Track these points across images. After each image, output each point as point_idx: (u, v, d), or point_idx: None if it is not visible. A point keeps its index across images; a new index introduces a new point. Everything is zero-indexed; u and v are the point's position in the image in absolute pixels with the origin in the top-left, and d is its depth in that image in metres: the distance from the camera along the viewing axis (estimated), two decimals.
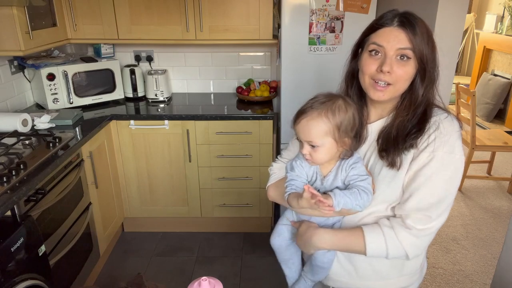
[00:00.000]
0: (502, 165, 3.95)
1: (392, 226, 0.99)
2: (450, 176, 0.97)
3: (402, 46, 0.94)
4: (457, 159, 0.97)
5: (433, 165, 0.96)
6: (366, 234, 0.99)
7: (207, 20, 2.48)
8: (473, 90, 3.54)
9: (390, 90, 0.98)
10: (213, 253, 2.61)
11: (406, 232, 0.97)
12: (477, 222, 2.99)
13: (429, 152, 0.96)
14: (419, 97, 0.99)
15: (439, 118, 0.98)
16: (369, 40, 1.00)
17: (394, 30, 0.95)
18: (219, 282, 0.90)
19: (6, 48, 2.01)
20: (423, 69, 0.96)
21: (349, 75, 1.09)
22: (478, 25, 6.11)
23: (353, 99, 1.06)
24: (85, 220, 2.10)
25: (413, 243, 0.98)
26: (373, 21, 1.01)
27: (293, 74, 2.41)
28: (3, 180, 1.51)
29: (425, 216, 0.96)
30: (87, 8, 2.45)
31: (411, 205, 0.97)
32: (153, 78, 2.69)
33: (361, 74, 1.02)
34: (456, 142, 0.97)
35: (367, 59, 0.99)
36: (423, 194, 0.96)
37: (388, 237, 0.98)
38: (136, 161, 2.57)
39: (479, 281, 2.37)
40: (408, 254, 0.98)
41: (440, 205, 0.97)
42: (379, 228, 1.00)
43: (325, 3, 2.25)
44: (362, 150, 1.06)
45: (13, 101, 2.40)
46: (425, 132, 0.97)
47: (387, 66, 0.95)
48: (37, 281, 1.49)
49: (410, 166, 0.98)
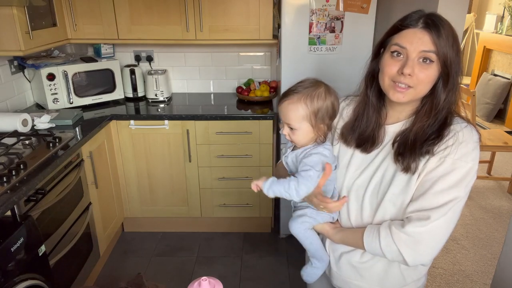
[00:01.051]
0: (502, 165, 3.95)
1: (389, 226, 0.98)
2: (456, 181, 0.94)
3: (426, 49, 0.91)
4: (469, 167, 0.94)
5: (440, 169, 0.94)
6: (365, 232, 1.03)
7: (207, 20, 2.48)
8: (473, 90, 3.54)
9: (411, 92, 0.96)
10: (213, 253, 2.61)
11: (401, 232, 0.96)
12: (477, 222, 2.99)
13: (440, 158, 0.94)
14: (440, 102, 0.96)
15: (459, 126, 0.96)
16: (391, 40, 0.97)
17: (418, 32, 0.92)
18: (219, 282, 0.90)
19: (6, 48, 2.01)
20: (446, 74, 0.93)
21: (369, 75, 1.06)
22: (478, 25, 6.11)
23: (372, 100, 1.05)
24: (85, 220, 2.10)
25: (408, 244, 0.95)
26: (397, 21, 0.98)
27: (293, 74, 2.40)
28: (3, 180, 1.51)
29: (424, 216, 0.94)
30: (87, 8, 2.45)
31: (413, 207, 0.96)
32: (153, 78, 2.69)
33: (381, 74, 0.99)
34: (472, 152, 0.94)
35: (388, 60, 0.97)
36: (426, 197, 0.95)
37: (382, 237, 0.98)
38: (136, 161, 2.57)
39: (479, 281, 2.37)
40: (404, 256, 0.96)
41: (442, 208, 0.94)
42: (377, 228, 1.01)
43: (325, 3, 2.24)
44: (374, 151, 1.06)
45: (13, 101, 2.40)
46: (443, 138, 0.96)
47: (408, 69, 0.92)
48: (37, 281, 1.49)
49: (422, 172, 0.97)
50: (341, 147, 1.13)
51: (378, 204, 1.03)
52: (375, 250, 1.01)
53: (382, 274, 1.10)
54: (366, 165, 1.07)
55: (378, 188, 1.03)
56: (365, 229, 1.03)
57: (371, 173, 1.05)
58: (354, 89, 1.15)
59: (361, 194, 1.06)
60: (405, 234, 0.95)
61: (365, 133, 1.06)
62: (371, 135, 1.05)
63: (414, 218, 0.96)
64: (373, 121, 1.05)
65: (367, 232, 1.02)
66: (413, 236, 0.95)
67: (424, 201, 0.95)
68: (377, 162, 1.05)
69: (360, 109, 1.09)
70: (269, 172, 2.59)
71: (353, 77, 1.11)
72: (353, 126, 1.09)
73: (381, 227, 1.00)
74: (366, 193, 1.05)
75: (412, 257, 0.97)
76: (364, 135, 1.06)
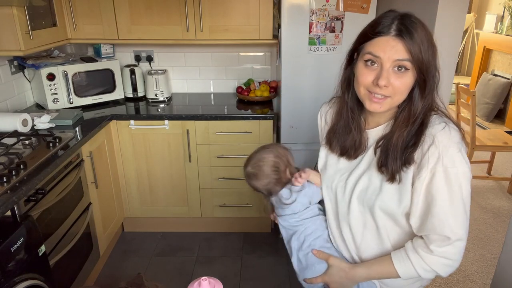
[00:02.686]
0: (502, 165, 3.95)
1: (416, 251, 0.98)
2: (455, 192, 0.93)
3: (400, 57, 0.89)
4: (459, 173, 0.92)
5: (436, 183, 0.93)
6: (395, 263, 1.01)
7: (207, 20, 2.48)
8: (473, 90, 3.54)
9: (388, 102, 0.94)
10: (213, 253, 2.61)
11: (431, 255, 0.96)
12: (477, 222, 2.99)
13: (429, 169, 0.92)
14: (418, 109, 0.95)
15: (434, 130, 0.93)
16: (364, 48, 0.94)
17: (391, 40, 0.89)
18: (219, 282, 0.90)
19: (6, 48, 2.01)
20: (422, 80, 0.92)
21: (345, 82, 1.05)
22: (478, 25, 6.11)
23: (350, 105, 1.05)
24: (85, 220, 2.10)
25: (441, 263, 0.97)
26: (368, 27, 0.95)
27: (293, 74, 2.40)
28: (3, 180, 1.51)
29: (443, 237, 0.94)
30: (87, 8, 2.45)
31: (429, 227, 0.95)
32: (153, 78, 2.69)
33: (357, 84, 0.98)
34: (457, 155, 0.92)
35: (362, 69, 0.94)
36: (435, 214, 0.94)
37: (415, 262, 0.98)
38: (136, 161, 2.57)
39: (479, 281, 2.37)
40: (439, 273, 0.98)
41: (456, 223, 0.94)
42: (405, 254, 1.00)
43: (325, 3, 2.24)
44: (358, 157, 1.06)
45: (13, 101, 2.40)
46: (420, 146, 0.94)
47: (383, 80, 0.90)
48: (37, 281, 1.49)
49: (416, 185, 0.95)
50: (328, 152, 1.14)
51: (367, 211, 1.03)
52: (412, 275, 1.00)
53: None
54: (351, 170, 1.07)
55: (364, 195, 1.03)
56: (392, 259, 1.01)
57: (356, 179, 1.05)
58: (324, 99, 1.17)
59: (348, 200, 1.06)
60: (434, 255, 0.96)
61: (346, 140, 1.06)
62: (353, 142, 1.05)
63: (434, 239, 0.95)
64: (353, 127, 1.05)
65: (397, 262, 1.01)
66: (442, 255, 0.96)
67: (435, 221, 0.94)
68: (362, 168, 1.04)
69: (339, 115, 1.09)
70: None
71: None
72: (335, 133, 1.10)
73: (409, 253, 0.99)
74: (352, 199, 1.05)
75: (445, 272, 0.99)
76: (346, 143, 1.07)
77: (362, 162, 1.05)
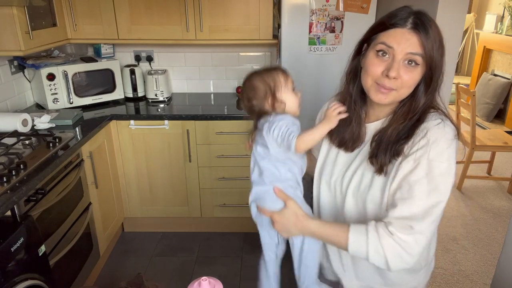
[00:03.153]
0: (502, 165, 3.95)
1: (377, 229, 0.93)
2: (434, 185, 0.90)
3: (413, 51, 0.89)
4: (444, 167, 0.90)
5: (417, 173, 0.91)
6: (350, 233, 0.95)
7: (207, 20, 2.48)
8: (473, 90, 3.54)
9: (393, 94, 0.94)
10: (213, 253, 2.61)
11: (389, 238, 0.91)
12: (477, 222, 2.99)
13: (414, 160, 0.91)
14: (419, 105, 0.94)
15: (429, 124, 0.93)
16: (377, 38, 0.93)
17: (407, 33, 0.89)
18: (219, 282, 0.91)
19: (6, 48, 2.01)
20: (429, 77, 0.92)
21: (351, 73, 1.04)
22: (478, 25, 6.11)
23: (354, 97, 1.04)
24: (85, 220, 2.10)
25: (396, 251, 0.91)
26: (384, 18, 0.94)
27: (293, 74, 2.39)
28: (3, 180, 1.51)
29: (407, 226, 0.91)
30: (87, 8, 2.45)
31: (394, 214, 0.93)
32: (153, 78, 2.69)
33: (365, 74, 0.97)
34: (446, 150, 0.90)
35: (373, 59, 0.94)
36: (407, 204, 0.91)
37: (371, 240, 0.93)
38: (136, 161, 2.57)
39: (479, 281, 2.37)
40: (389, 263, 0.92)
41: (425, 216, 0.91)
42: (365, 229, 0.95)
43: (325, 3, 2.25)
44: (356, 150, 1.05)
45: (13, 101, 2.40)
46: (412, 138, 0.93)
47: (393, 72, 0.90)
48: (37, 281, 1.49)
49: (396, 174, 0.94)
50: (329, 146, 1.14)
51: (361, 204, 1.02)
52: (359, 251, 0.94)
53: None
54: (349, 164, 1.07)
55: (358, 189, 1.02)
56: (348, 229, 0.95)
57: (352, 173, 1.05)
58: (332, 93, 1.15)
59: (344, 193, 1.06)
60: (393, 240, 0.91)
61: (346, 132, 1.05)
62: (351, 134, 1.05)
63: (397, 225, 0.91)
64: (354, 119, 1.04)
65: (353, 232, 0.95)
66: (399, 244, 0.91)
67: (405, 208, 0.91)
68: (357, 162, 1.04)
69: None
70: None
71: None
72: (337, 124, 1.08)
73: (369, 228, 0.94)
74: (348, 192, 1.05)
75: (394, 263, 0.92)
76: (345, 135, 1.06)
77: (358, 156, 1.05)
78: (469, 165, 3.38)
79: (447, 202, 0.95)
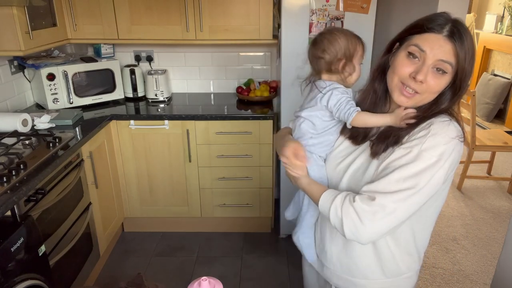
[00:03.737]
0: (502, 165, 3.95)
1: (344, 196, 0.96)
2: (415, 172, 0.89)
3: (444, 59, 0.88)
4: (432, 162, 0.89)
5: (404, 159, 0.91)
6: (323, 193, 1.00)
7: (207, 20, 2.48)
8: (473, 90, 3.54)
9: (416, 98, 0.94)
10: (213, 253, 2.61)
11: (350, 204, 0.93)
12: (477, 222, 2.99)
13: (407, 147, 0.92)
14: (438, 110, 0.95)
15: (435, 119, 0.93)
16: (411, 40, 0.93)
17: (442, 40, 0.88)
18: (219, 282, 0.91)
19: (6, 48, 2.01)
20: (458, 87, 0.91)
21: (379, 69, 1.04)
22: (478, 25, 6.11)
23: (379, 94, 1.05)
24: (85, 220, 2.10)
25: (351, 217, 0.92)
26: (421, 20, 0.93)
27: (293, 74, 2.40)
28: (3, 180, 1.51)
29: (370, 196, 0.91)
30: (87, 8, 2.45)
31: (367, 188, 0.94)
32: (153, 78, 2.69)
33: (392, 72, 0.97)
34: (442, 146, 0.89)
35: (403, 60, 0.94)
36: (381, 181, 0.92)
37: (336, 202, 0.96)
38: (136, 161, 2.57)
39: (479, 281, 2.37)
40: (344, 227, 0.94)
41: (390, 195, 0.90)
42: (336, 193, 0.99)
43: (325, 3, 2.24)
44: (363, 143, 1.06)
45: (13, 101, 2.40)
46: (416, 128, 0.94)
47: (421, 75, 0.89)
48: (37, 281, 1.49)
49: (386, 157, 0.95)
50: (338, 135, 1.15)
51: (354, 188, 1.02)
52: (325, 211, 0.99)
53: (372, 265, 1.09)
54: (350, 153, 1.07)
55: (353, 176, 1.03)
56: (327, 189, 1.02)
57: (351, 160, 1.06)
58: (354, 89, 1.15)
59: (339, 179, 1.07)
60: (353, 208, 0.93)
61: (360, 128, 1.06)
62: (364, 128, 1.05)
63: (363, 195, 0.93)
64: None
65: (326, 193, 1.00)
66: (357, 212, 0.92)
67: (379, 184, 0.92)
68: (359, 151, 1.05)
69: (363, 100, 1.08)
70: (269, 172, 2.59)
71: None
72: None
73: (339, 194, 0.97)
74: (343, 179, 1.05)
75: (350, 231, 0.93)
76: (358, 129, 1.06)
77: (361, 146, 1.06)
78: (469, 165, 3.38)
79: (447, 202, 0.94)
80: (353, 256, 1.09)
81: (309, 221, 1.19)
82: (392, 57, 0.99)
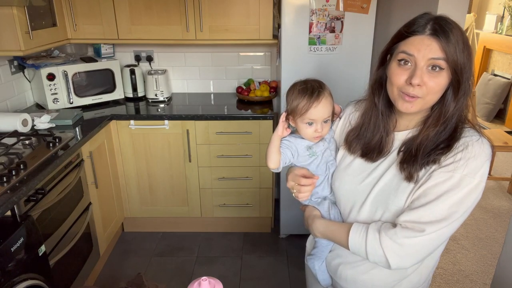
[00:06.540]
0: (502, 165, 3.95)
1: (379, 230, 0.95)
2: (460, 198, 0.90)
3: (434, 56, 0.87)
4: (475, 184, 0.89)
5: (447, 184, 0.90)
6: (351, 231, 0.99)
7: (207, 20, 2.48)
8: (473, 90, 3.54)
9: (419, 102, 0.92)
10: (213, 253, 2.61)
11: (391, 240, 0.92)
12: (477, 222, 2.99)
13: (449, 172, 0.90)
14: (450, 110, 0.93)
15: (470, 139, 0.92)
16: (398, 48, 0.93)
17: (426, 39, 0.88)
18: (219, 282, 0.90)
19: (6, 48, 2.01)
20: (457, 81, 0.90)
21: (376, 84, 1.03)
22: (478, 25, 6.10)
23: (381, 108, 1.03)
24: (85, 220, 2.10)
25: (396, 252, 0.92)
26: (403, 27, 0.94)
27: (293, 74, 2.40)
28: (3, 180, 1.51)
29: (419, 228, 0.91)
30: (87, 8, 2.45)
31: (410, 217, 0.92)
32: (153, 78, 2.69)
33: (389, 84, 0.96)
34: (482, 168, 0.90)
35: (396, 69, 0.93)
36: (428, 208, 0.91)
37: (370, 238, 0.95)
38: (136, 161, 2.57)
39: (479, 281, 2.37)
40: (389, 261, 0.93)
41: (439, 223, 0.90)
42: (365, 228, 0.97)
43: (325, 3, 2.24)
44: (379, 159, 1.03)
45: (13, 101, 2.40)
46: (452, 150, 0.92)
47: (417, 79, 0.89)
48: (37, 281, 1.49)
49: (426, 182, 0.93)
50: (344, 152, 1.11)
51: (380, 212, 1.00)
52: (359, 250, 0.97)
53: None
54: (370, 171, 1.04)
55: (380, 196, 1.00)
56: (351, 226, 0.99)
57: (375, 180, 1.02)
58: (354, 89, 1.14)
59: (362, 201, 1.03)
60: (395, 242, 0.92)
61: (371, 142, 1.03)
62: (378, 143, 1.03)
63: (409, 228, 0.91)
64: (381, 129, 1.02)
65: (354, 230, 0.98)
66: (403, 246, 0.91)
67: (424, 213, 0.91)
68: (381, 169, 1.02)
69: (366, 117, 1.06)
70: (269, 172, 2.59)
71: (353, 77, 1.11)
72: (358, 134, 1.07)
73: (370, 229, 0.96)
74: (367, 200, 1.02)
75: (396, 264, 0.93)
76: (370, 144, 1.04)
77: (382, 164, 1.03)
78: None
79: None
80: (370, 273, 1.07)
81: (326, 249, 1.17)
82: (386, 70, 0.98)
